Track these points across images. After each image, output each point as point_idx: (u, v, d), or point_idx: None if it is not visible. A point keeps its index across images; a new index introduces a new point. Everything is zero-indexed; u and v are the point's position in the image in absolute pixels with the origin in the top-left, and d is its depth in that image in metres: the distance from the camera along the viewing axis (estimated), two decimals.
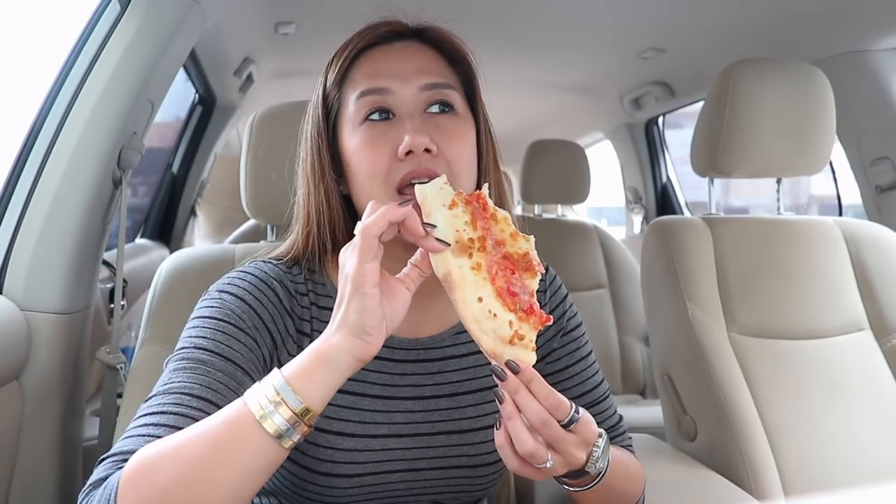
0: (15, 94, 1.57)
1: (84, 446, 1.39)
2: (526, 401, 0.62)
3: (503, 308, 0.63)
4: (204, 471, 0.57)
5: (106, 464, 0.61)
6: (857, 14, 1.60)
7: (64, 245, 1.22)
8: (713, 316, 1.30)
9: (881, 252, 1.40)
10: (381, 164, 0.74)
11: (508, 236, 0.66)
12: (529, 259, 0.66)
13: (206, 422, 0.60)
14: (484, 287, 0.63)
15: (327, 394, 0.61)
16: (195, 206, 2.88)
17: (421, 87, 0.76)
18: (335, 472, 0.77)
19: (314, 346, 0.62)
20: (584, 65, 2.42)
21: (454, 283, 0.63)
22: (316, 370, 0.60)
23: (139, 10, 1.24)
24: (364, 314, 0.61)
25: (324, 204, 0.79)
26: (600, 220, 4.92)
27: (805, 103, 1.35)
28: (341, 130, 0.79)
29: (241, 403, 0.60)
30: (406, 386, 0.81)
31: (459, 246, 0.64)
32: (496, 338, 0.63)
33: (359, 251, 0.61)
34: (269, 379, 0.61)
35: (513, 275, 0.65)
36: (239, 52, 2.15)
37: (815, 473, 1.20)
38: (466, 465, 0.82)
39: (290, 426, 0.58)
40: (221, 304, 0.75)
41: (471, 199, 0.66)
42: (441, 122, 0.76)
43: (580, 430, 0.64)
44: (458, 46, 0.82)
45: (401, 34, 0.81)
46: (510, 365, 0.62)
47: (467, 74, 0.83)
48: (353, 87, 0.78)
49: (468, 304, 0.63)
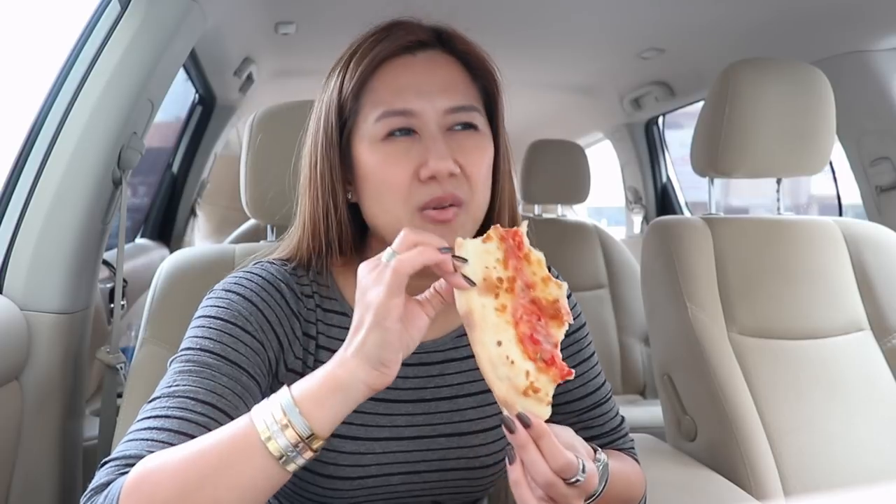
0: (15, 94, 1.57)
1: (84, 446, 1.39)
2: (534, 459, 0.59)
3: (522, 356, 0.59)
4: (205, 489, 0.56)
5: (108, 468, 0.61)
6: (857, 14, 1.60)
7: (64, 245, 1.21)
8: (713, 316, 1.30)
9: (881, 252, 1.40)
10: (402, 183, 0.72)
11: (540, 280, 0.62)
12: (559, 307, 0.62)
13: (211, 436, 0.59)
14: (506, 331, 0.60)
15: (336, 421, 0.59)
16: (195, 206, 2.88)
17: (446, 111, 0.74)
18: (338, 475, 0.77)
19: (329, 370, 0.60)
20: (584, 65, 2.42)
21: (475, 322, 0.60)
22: (328, 396, 0.59)
23: (139, 10, 1.24)
24: (384, 347, 0.58)
25: (332, 211, 0.77)
26: (600, 220, 4.92)
27: (805, 103, 1.35)
28: (356, 141, 0.76)
29: (248, 421, 0.58)
30: (407, 389, 0.81)
31: (487, 284, 0.60)
32: (510, 386, 0.59)
33: (387, 286, 0.58)
34: (277, 398, 0.59)
35: (538, 321, 0.61)
36: (239, 52, 2.15)
37: (815, 473, 1.20)
38: (466, 466, 0.82)
39: (295, 450, 0.57)
40: (229, 305, 0.74)
41: (506, 237, 0.62)
42: (462, 140, 0.75)
43: (584, 486, 0.62)
44: (484, 62, 0.80)
45: (425, 43, 0.78)
46: (522, 418, 0.59)
47: (489, 89, 0.81)
48: (374, 102, 0.75)
49: (486, 346, 0.59)
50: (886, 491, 0.35)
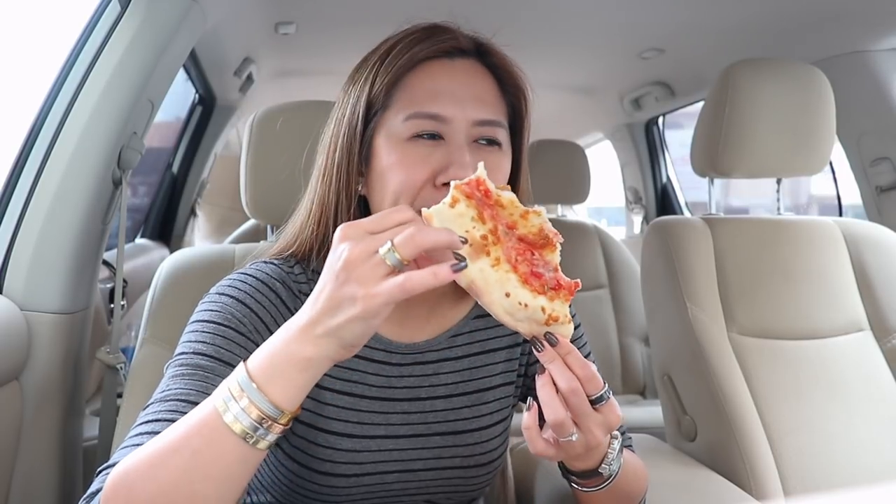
0: (15, 93, 1.57)
1: (84, 446, 1.39)
2: (560, 369, 0.63)
3: (532, 295, 0.61)
4: (182, 485, 0.55)
5: (101, 476, 0.61)
6: (857, 14, 1.60)
7: (64, 245, 1.21)
8: (713, 316, 1.30)
9: (881, 252, 1.40)
10: (416, 185, 0.73)
11: (519, 217, 0.63)
12: (545, 233, 0.63)
13: (178, 428, 0.57)
14: (508, 280, 0.60)
15: (304, 395, 0.58)
16: (195, 206, 2.88)
17: (475, 122, 0.75)
18: (334, 472, 0.77)
19: (293, 348, 0.57)
20: (584, 65, 2.43)
21: (480, 289, 0.60)
22: (297, 374, 0.57)
23: (139, 10, 1.24)
24: (363, 337, 0.57)
25: (343, 202, 0.77)
26: (600, 220, 4.92)
27: (805, 103, 1.35)
28: (378, 136, 0.76)
29: (211, 407, 0.57)
30: (403, 388, 0.82)
31: (474, 248, 0.60)
32: (532, 323, 0.62)
33: (388, 295, 0.54)
34: (234, 377, 0.58)
35: (532, 255, 0.62)
36: (239, 52, 2.15)
37: (815, 473, 1.20)
38: (461, 465, 0.83)
39: (262, 428, 0.56)
40: (222, 308, 0.74)
41: (471, 192, 0.61)
42: (485, 155, 0.75)
43: (605, 411, 0.64)
44: (517, 79, 0.81)
45: (464, 51, 0.78)
46: (548, 337, 0.63)
47: (516, 106, 0.82)
48: (407, 99, 0.75)
49: (498, 303, 0.61)
50: (886, 491, 0.35)
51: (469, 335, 0.86)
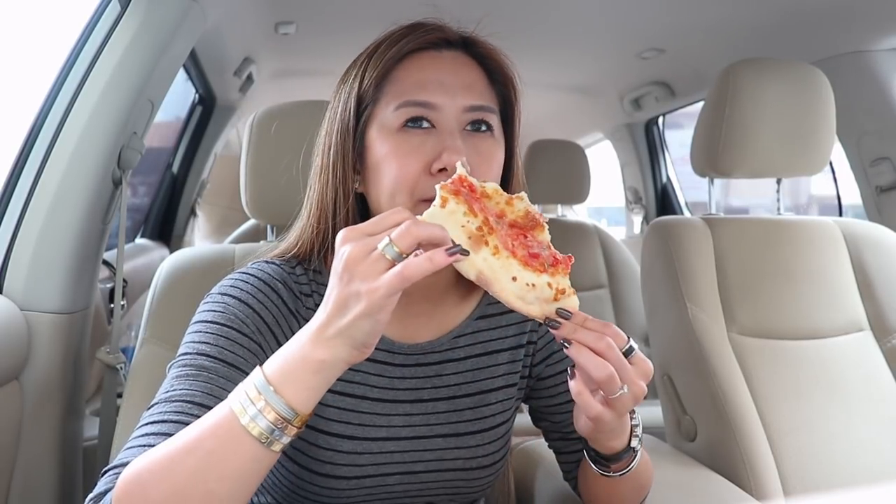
0: (15, 93, 1.57)
1: (84, 446, 1.39)
2: (586, 334, 0.63)
3: (535, 274, 0.63)
4: (197, 485, 0.55)
5: (108, 476, 0.61)
6: (857, 14, 1.60)
7: (64, 245, 1.21)
8: (713, 316, 1.30)
9: (881, 252, 1.40)
10: (411, 175, 0.73)
11: (505, 204, 0.67)
12: (532, 215, 0.67)
13: (194, 429, 0.58)
14: (511, 265, 0.63)
15: (318, 398, 0.59)
16: (195, 206, 2.88)
17: (465, 108, 0.75)
18: (335, 474, 0.77)
19: (307, 351, 0.58)
20: (584, 65, 2.43)
21: (489, 278, 0.62)
22: (310, 377, 0.58)
23: (139, 10, 1.24)
24: (373, 334, 0.58)
25: (341, 199, 0.78)
26: (600, 220, 4.92)
27: (805, 103, 1.35)
28: (370, 129, 0.77)
29: (227, 409, 0.57)
30: (405, 389, 0.82)
31: (473, 240, 0.62)
32: (541, 302, 0.64)
33: (388, 286, 0.55)
34: (252, 380, 0.58)
35: (526, 238, 0.65)
36: (239, 52, 2.15)
37: (815, 473, 1.20)
38: (463, 467, 0.82)
39: (278, 430, 0.57)
40: (224, 308, 0.74)
41: (458, 189, 0.63)
42: (477, 142, 0.76)
43: (637, 361, 0.66)
44: (504, 68, 0.81)
45: (451, 43, 0.80)
46: (561, 313, 0.64)
47: (506, 95, 0.82)
48: (396, 91, 0.76)
49: (507, 289, 0.63)
50: (886, 491, 0.35)
51: (472, 336, 0.86)
